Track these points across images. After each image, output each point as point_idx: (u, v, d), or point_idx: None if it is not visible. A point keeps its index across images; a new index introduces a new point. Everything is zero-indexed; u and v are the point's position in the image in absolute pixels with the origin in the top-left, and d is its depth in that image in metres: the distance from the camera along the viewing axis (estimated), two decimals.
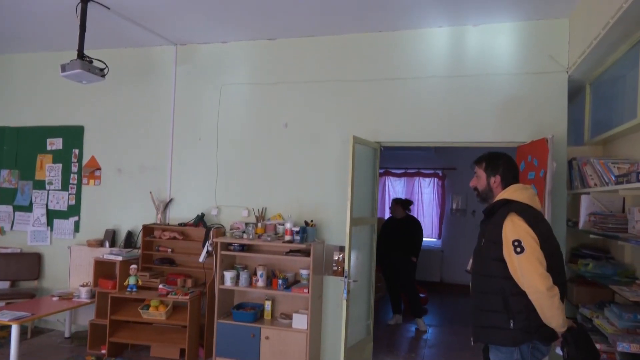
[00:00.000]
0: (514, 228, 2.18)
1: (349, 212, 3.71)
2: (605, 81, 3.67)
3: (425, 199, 8.54)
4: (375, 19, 4.07)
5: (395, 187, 8.74)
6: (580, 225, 3.43)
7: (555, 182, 3.53)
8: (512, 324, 2.18)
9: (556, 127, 3.83)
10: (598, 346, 2.86)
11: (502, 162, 2.42)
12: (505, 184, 2.40)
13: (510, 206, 2.26)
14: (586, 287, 3.59)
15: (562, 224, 3.78)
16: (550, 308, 2.11)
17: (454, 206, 8.26)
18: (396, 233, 5.84)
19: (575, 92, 4.19)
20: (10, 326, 3.85)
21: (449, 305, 6.98)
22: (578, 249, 3.87)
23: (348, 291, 3.68)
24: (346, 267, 3.69)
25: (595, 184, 3.31)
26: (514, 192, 2.33)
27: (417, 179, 8.57)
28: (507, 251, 2.18)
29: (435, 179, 8.45)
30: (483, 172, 2.46)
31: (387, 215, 8.50)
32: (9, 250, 5.29)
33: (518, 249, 2.14)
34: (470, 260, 2.49)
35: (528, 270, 2.11)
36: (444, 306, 6.93)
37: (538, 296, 2.10)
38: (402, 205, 6.03)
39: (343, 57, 4.43)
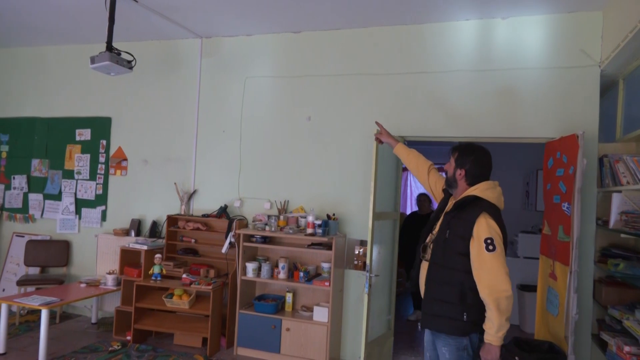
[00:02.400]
0: (487, 227, 2.25)
1: (371, 207, 3.69)
2: (639, 76, 3.54)
3: None
4: (401, 11, 4.02)
5: (417, 183, 8.67)
6: (611, 224, 3.34)
7: (585, 179, 3.43)
8: (465, 317, 2.28)
9: (587, 123, 3.73)
10: (627, 349, 2.80)
11: (472, 158, 2.46)
12: (470, 180, 2.45)
13: (481, 204, 2.33)
14: (616, 288, 3.50)
15: (592, 223, 3.68)
16: (507, 310, 2.18)
17: None
18: (421, 228, 5.77)
19: (607, 87, 4.07)
20: (40, 310, 3.97)
21: None
22: (608, 248, 3.77)
23: (370, 285, 3.67)
24: (368, 262, 3.69)
25: (628, 182, 3.21)
26: (485, 191, 2.37)
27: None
28: (477, 248, 2.24)
29: None
30: (454, 161, 2.51)
31: (409, 210, 8.44)
32: (39, 237, 5.46)
33: (490, 247, 2.21)
34: (429, 250, 2.49)
35: (497, 269, 2.19)
36: None
37: (499, 296, 2.17)
38: (430, 201, 6.01)
39: (368, 51, 4.40)
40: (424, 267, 2.48)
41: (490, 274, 2.20)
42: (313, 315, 4.13)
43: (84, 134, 5.43)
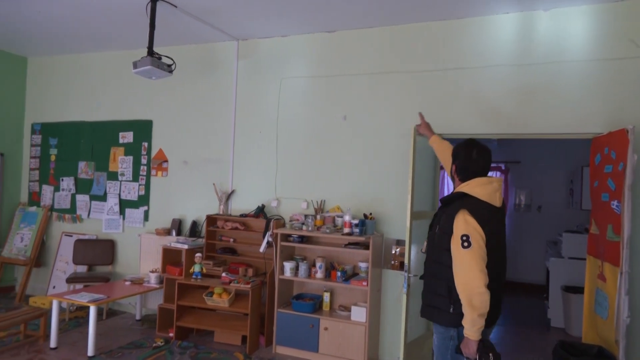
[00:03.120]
0: (464, 224, 2.28)
1: (409, 206, 3.65)
2: None
3: None
4: (437, 7, 3.95)
5: None
6: None
7: (635, 176, 3.27)
8: (451, 309, 2.36)
9: (637, 116, 3.55)
10: None
11: (462, 153, 2.52)
12: (461, 176, 2.50)
13: (464, 201, 2.36)
14: None
15: None
16: (481, 306, 2.21)
17: (518, 201, 7.91)
18: None
19: None
20: (88, 307, 4.14)
21: (511, 303, 6.71)
22: None
23: (408, 285, 3.63)
24: (406, 261, 3.64)
25: None
26: (474, 188, 2.40)
27: None
28: (455, 244, 2.29)
29: (498, 173, 8.13)
30: (451, 157, 2.61)
31: None
32: (86, 237, 5.70)
33: (465, 244, 2.25)
34: (425, 242, 2.62)
35: (470, 265, 2.22)
36: (506, 304, 6.66)
37: (471, 292, 2.21)
38: None
39: (403, 48, 4.35)
40: None
41: (463, 270, 2.25)
42: (351, 315, 4.13)
43: (127, 137, 5.62)
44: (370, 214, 4.30)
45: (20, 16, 4.69)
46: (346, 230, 4.12)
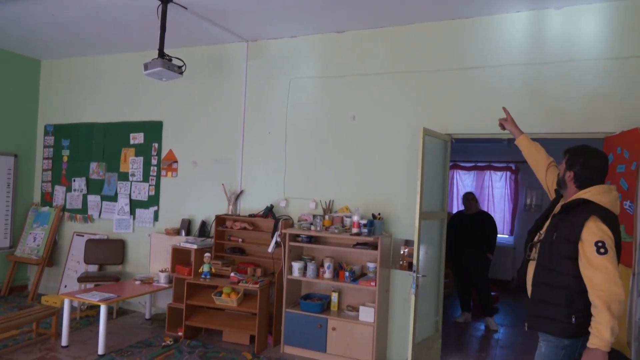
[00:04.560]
0: (598, 230, 2.22)
1: (418, 206, 3.63)
2: None
3: (497, 193, 8.19)
4: (447, 6, 3.93)
5: (464, 181, 8.46)
6: None
7: None
8: (573, 319, 2.27)
9: None
10: None
11: (581, 160, 2.41)
12: (579, 183, 2.41)
13: (590, 207, 2.28)
14: None
15: None
16: (618, 314, 2.14)
17: (528, 201, 7.84)
18: (469, 228, 5.66)
19: None
20: (99, 306, 4.18)
21: (521, 304, 6.64)
22: None
23: (417, 286, 3.62)
24: (415, 262, 3.63)
25: None
26: (597, 195, 2.33)
27: (487, 172, 8.23)
28: (588, 251, 2.21)
29: (508, 173, 8.06)
30: (564, 163, 2.49)
31: (455, 209, 8.26)
32: (97, 237, 5.75)
33: (602, 250, 2.18)
34: (535, 250, 2.49)
35: (611, 272, 2.15)
36: (516, 305, 6.61)
37: (612, 299, 2.13)
38: (477, 200, 5.91)
39: (413, 48, 4.34)
40: (531, 266, 2.50)
41: (602, 277, 2.16)
42: (359, 315, 4.12)
43: (138, 138, 5.67)
44: (379, 214, 4.29)
45: (34, 20, 4.75)
46: (354, 230, 4.11)
